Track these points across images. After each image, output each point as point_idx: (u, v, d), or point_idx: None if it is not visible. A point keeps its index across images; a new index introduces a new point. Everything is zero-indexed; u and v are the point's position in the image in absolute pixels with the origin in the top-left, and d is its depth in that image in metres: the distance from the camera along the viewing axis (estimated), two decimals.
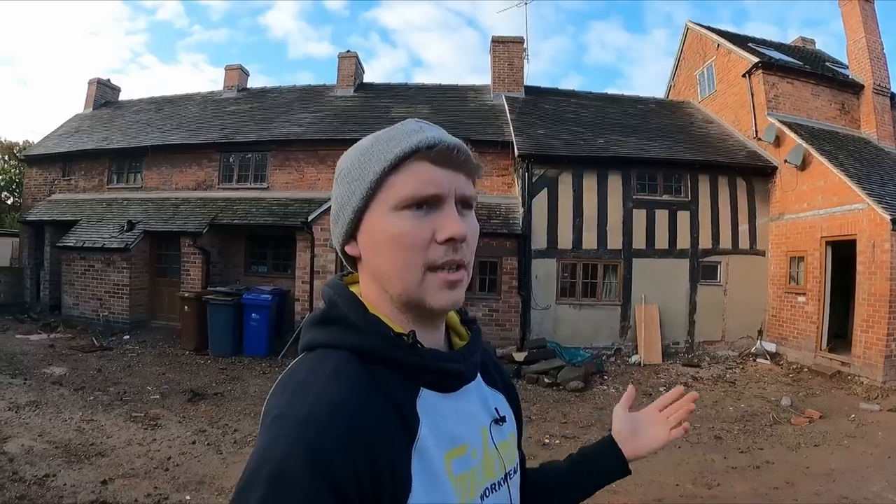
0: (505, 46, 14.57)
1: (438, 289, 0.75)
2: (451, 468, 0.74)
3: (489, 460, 0.82)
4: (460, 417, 0.80)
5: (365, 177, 0.76)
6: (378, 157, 0.76)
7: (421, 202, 0.75)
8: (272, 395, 0.73)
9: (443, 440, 0.74)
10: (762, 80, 11.97)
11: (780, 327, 10.88)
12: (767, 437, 6.28)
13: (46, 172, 15.68)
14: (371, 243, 0.77)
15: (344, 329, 0.76)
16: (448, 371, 0.78)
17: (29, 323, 12.64)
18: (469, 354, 0.84)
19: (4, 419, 6.10)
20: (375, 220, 0.76)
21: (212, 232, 11.96)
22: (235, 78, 16.61)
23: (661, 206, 11.24)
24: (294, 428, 0.63)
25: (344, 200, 0.78)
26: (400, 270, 0.75)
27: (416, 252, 0.74)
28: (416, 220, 0.74)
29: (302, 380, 0.72)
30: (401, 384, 0.74)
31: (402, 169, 0.75)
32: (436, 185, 0.75)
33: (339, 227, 0.80)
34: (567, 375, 8.66)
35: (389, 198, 0.75)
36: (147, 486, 4.57)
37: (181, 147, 13.75)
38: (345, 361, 0.73)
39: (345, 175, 0.79)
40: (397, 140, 0.76)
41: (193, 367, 9.33)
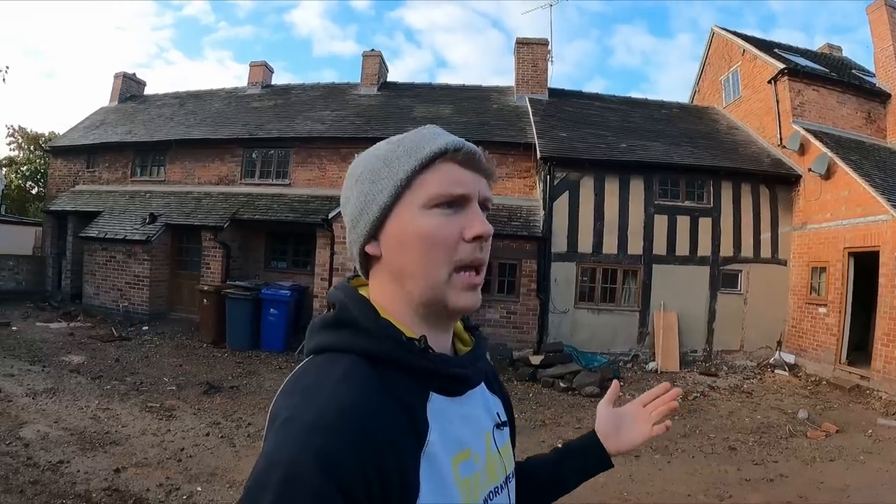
0: (529, 48, 14.51)
1: (462, 290, 0.77)
2: (458, 472, 0.75)
3: (492, 464, 0.83)
4: (466, 422, 0.80)
5: (393, 175, 0.77)
6: (406, 157, 0.77)
7: (450, 201, 0.77)
8: (280, 398, 0.72)
9: (450, 444, 0.75)
10: (788, 87, 11.80)
11: (799, 338, 10.72)
12: (783, 449, 6.17)
13: (71, 164, 15.94)
14: (397, 242, 0.77)
15: (354, 333, 0.76)
16: (457, 376, 0.79)
17: (49, 311, 12.83)
18: (475, 360, 0.86)
19: (22, 405, 6.18)
20: (405, 218, 0.77)
21: (233, 226, 12.07)
22: (260, 74, 16.74)
23: (682, 212, 11.12)
24: (304, 432, 0.63)
25: (368, 199, 0.78)
26: (428, 268, 0.76)
27: (446, 250, 0.76)
28: (446, 218, 0.76)
29: (311, 383, 0.71)
30: (411, 388, 0.74)
31: (432, 169, 0.77)
32: (464, 185, 0.78)
33: (360, 227, 0.80)
34: (583, 380, 8.61)
35: (419, 196, 0.76)
36: (159, 476, 4.62)
37: (204, 142, 13.91)
38: (355, 365, 0.72)
39: (368, 175, 0.79)
40: (425, 141, 0.78)
41: (210, 359, 9.41)
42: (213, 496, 4.34)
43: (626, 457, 5.61)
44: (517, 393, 8.40)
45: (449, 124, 12.88)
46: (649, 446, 6.17)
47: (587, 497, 4.66)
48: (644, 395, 1.17)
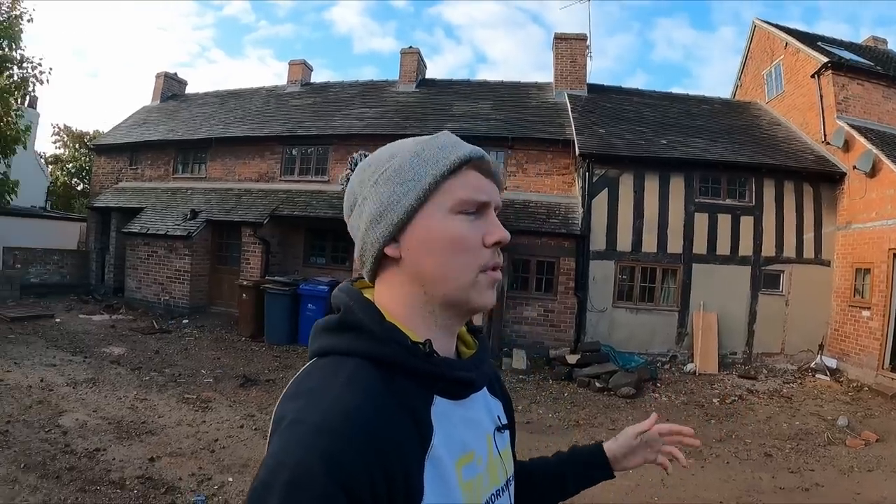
0: (567, 43, 14.38)
1: (485, 288, 0.80)
2: (462, 475, 0.75)
3: (493, 467, 0.84)
4: (469, 424, 0.81)
5: (421, 179, 0.77)
6: (433, 161, 0.78)
7: (475, 208, 0.79)
8: (284, 400, 0.73)
9: (454, 447, 0.75)
10: (831, 81, 11.44)
11: (841, 342, 10.39)
12: (820, 457, 6.00)
13: (114, 161, 16.40)
14: (422, 245, 0.78)
15: (359, 336, 0.76)
16: (461, 379, 0.80)
17: (92, 304, 13.18)
18: (479, 363, 0.86)
19: (62, 394, 6.34)
20: (432, 221, 0.77)
21: (272, 222, 12.25)
22: (299, 73, 16.96)
23: (723, 210, 10.91)
24: (309, 435, 0.63)
25: (392, 201, 0.78)
26: (455, 272, 0.77)
27: (472, 254, 0.78)
28: (470, 224, 0.78)
29: (316, 386, 0.72)
30: (415, 392, 0.74)
31: (458, 175, 0.79)
32: (486, 193, 0.80)
33: (381, 228, 0.79)
34: (619, 381, 8.50)
35: (446, 201, 0.78)
36: (192, 466, 4.70)
37: (244, 139, 14.14)
38: (360, 368, 0.73)
39: (392, 176, 0.79)
40: (450, 147, 0.80)
41: (248, 353, 9.55)
42: (244, 487, 4.39)
43: None
44: (552, 392, 8.36)
45: (487, 120, 12.93)
46: (683, 450, 6.04)
47: (618, 499, 4.69)
48: (667, 426, 1.17)
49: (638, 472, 5.29)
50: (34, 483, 4.11)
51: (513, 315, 10.79)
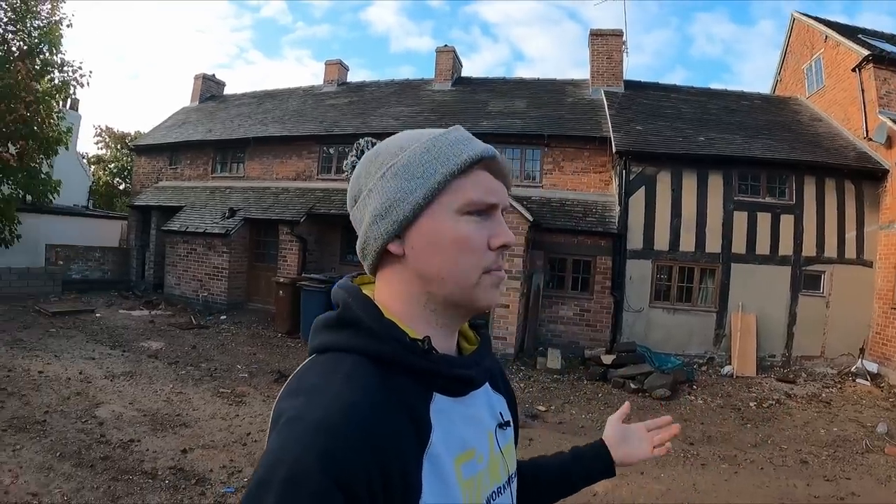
0: (604, 40, 14.24)
1: (488, 288, 0.79)
2: (461, 473, 0.75)
3: (495, 464, 0.83)
4: (469, 422, 0.80)
5: (430, 176, 0.76)
6: (444, 158, 0.77)
7: (483, 209, 0.78)
8: (283, 398, 0.72)
9: (453, 445, 0.75)
10: (873, 75, 11.06)
11: (883, 346, 10.06)
12: (857, 465, 5.84)
13: (154, 161, 16.86)
14: (428, 243, 0.77)
15: (357, 333, 0.76)
16: (460, 377, 0.79)
17: (133, 299, 13.55)
18: (479, 359, 0.85)
19: (99, 386, 6.49)
20: (439, 220, 0.76)
21: (309, 221, 12.42)
22: (335, 73, 17.14)
23: (763, 208, 10.68)
24: (307, 432, 0.63)
25: (400, 197, 0.76)
26: (460, 272, 0.76)
27: (477, 256, 0.77)
28: (477, 225, 0.77)
29: (315, 383, 0.71)
30: (414, 389, 0.74)
31: (468, 175, 0.77)
32: (496, 194, 0.79)
33: (386, 223, 0.77)
34: (654, 382, 8.41)
35: (455, 200, 0.76)
36: (223, 459, 4.76)
37: (281, 139, 14.35)
38: (358, 365, 0.72)
39: (399, 171, 0.77)
40: (461, 145, 0.78)
41: (284, 349, 9.69)
42: None
43: (692, 465, 5.64)
44: (586, 392, 8.33)
45: (523, 118, 12.89)
46: (717, 455, 6.01)
47: (649, 503, 4.65)
48: (648, 422, 1.22)
49: (670, 477, 5.28)
50: (68, 471, 4.23)
51: (548, 314, 10.77)
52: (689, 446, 6.20)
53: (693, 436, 6.57)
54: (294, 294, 10.75)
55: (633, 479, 5.20)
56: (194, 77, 18.91)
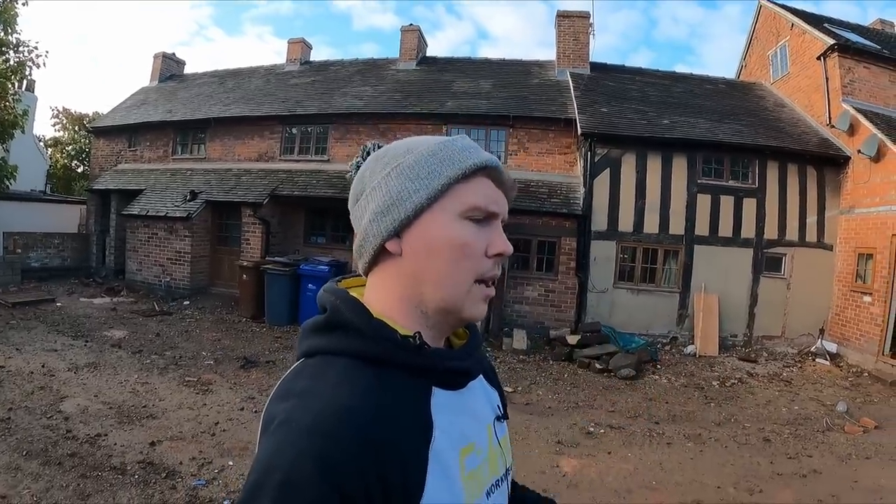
0: (570, 21, 14.23)
1: (478, 301, 0.79)
2: (464, 465, 0.75)
3: (493, 457, 0.84)
4: (469, 415, 0.81)
5: (434, 177, 0.76)
6: (450, 163, 0.77)
7: (483, 216, 0.79)
8: (274, 401, 0.72)
9: (456, 438, 0.75)
10: (838, 64, 11.26)
11: (842, 327, 10.35)
12: (818, 444, 5.99)
13: (113, 143, 16.32)
14: (425, 245, 0.77)
15: (347, 334, 0.75)
16: (456, 369, 0.79)
17: (94, 287, 13.20)
18: (471, 351, 0.86)
19: (63, 379, 6.34)
20: (438, 223, 0.77)
21: (272, 202, 12.20)
22: (298, 51, 16.82)
23: (726, 191, 10.82)
24: (302, 436, 0.62)
25: (402, 196, 0.77)
26: (453, 277, 0.77)
27: (473, 262, 0.77)
28: (476, 231, 0.78)
29: (306, 386, 0.70)
30: (411, 386, 0.74)
31: (471, 181, 0.78)
32: (497, 203, 0.80)
33: (386, 221, 0.78)
34: (619, 362, 8.49)
35: (456, 205, 0.77)
36: (193, 450, 4.71)
37: (244, 119, 14.04)
38: (350, 367, 0.72)
39: (405, 171, 0.78)
40: (468, 152, 0.79)
41: (249, 334, 9.56)
42: (244, 470, 4.39)
43: (658, 444, 5.64)
44: (552, 373, 8.37)
45: (489, 99, 12.83)
46: (682, 433, 6.11)
47: (616, 483, 4.70)
48: None
49: (636, 456, 5.34)
50: (36, 470, 4.13)
51: (514, 295, 10.76)
52: (655, 425, 6.28)
53: (658, 415, 6.66)
54: (258, 278, 10.60)
55: (600, 458, 5.25)
56: (153, 56, 18.33)
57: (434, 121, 12.27)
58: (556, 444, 5.50)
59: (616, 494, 4.50)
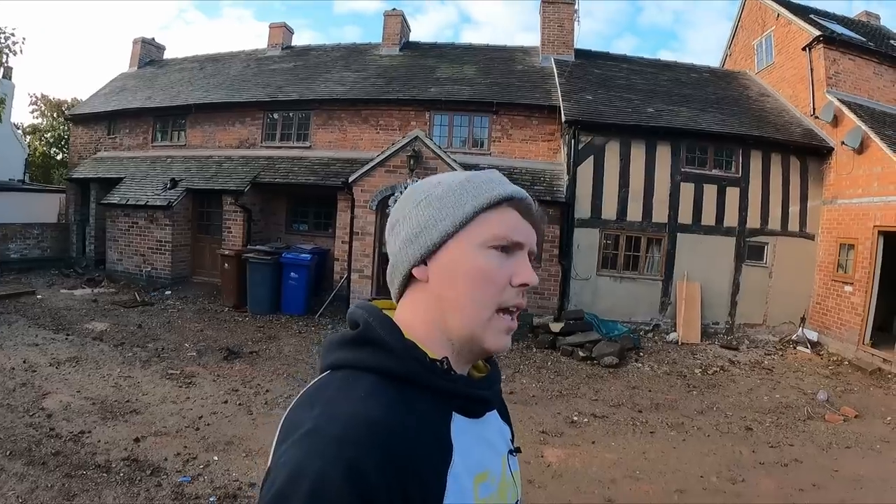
0: (555, 7, 14.13)
1: (501, 332, 0.80)
2: (478, 493, 0.76)
3: (504, 488, 0.84)
4: (484, 444, 0.82)
5: (460, 207, 0.79)
6: (475, 193, 0.80)
7: (507, 245, 0.79)
8: (298, 409, 0.72)
9: (472, 465, 0.76)
10: (823, 55, 11.32)
11: (823, 316, 10.46)
12: (799, 433, 6.04)
13: (92, 131, 16.02)
14: (449, 272, 0.79)
15: (377, 351, 0.76)
16: (478, 398, 0.82)
17: (74, 278, 12.97)
18: (492, 383, 0.88)
19: (45, 375, 6.24)
20: (462, 250, 0.78)
21: (253, 190, 12.06)
22: (279, 36, 16.59)
23: (710, 180, 10.85)
24: (330, 445, 0.63)
25: (429, 223, 0.79)
26: (475, 304, 0.78)
27: (496, 290, 0.78)
28: (500, 260, 0.79)
29: (333, 397, 0.71)
30: (434, 409, 0.75)
31: (496, 211, 0.80)
32: (522, 234, 0.81)
33: (414, 248, 0.80)
34: (602, 350, 8.51)
35: (481, 234, 0.78)
36: (177, 445, 4.67)
37: (224, 105, 13.82)
38: (378, 384, 0.73)
39: (434, 201, 0.81)
40: (493, 184, 0.82)
41: (231, 324, 9.47)
42: (229, 465, 4.37)
43: (641, 433, 5.62)
44: (536, 361, 8.36)
45: (472, 85, 12.76)
46: (665, 422, 6.14)
47: (601, 473, 4.69)
48: None
49: (620, 446, 5.35)
50: (20, 470, 4.05)
51: None
52: (638, 414, 6.30)
53: (641, 403, 6.68)
54: (240, 266, 10.47)
55: (585, 448, 5.26)
56: (133, 41, 17.94)
57: (417, 107, 12.18)
58: (541, 434, 5.50)
59: (600, 484, 4.51)
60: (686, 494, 4.45)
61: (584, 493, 4.35)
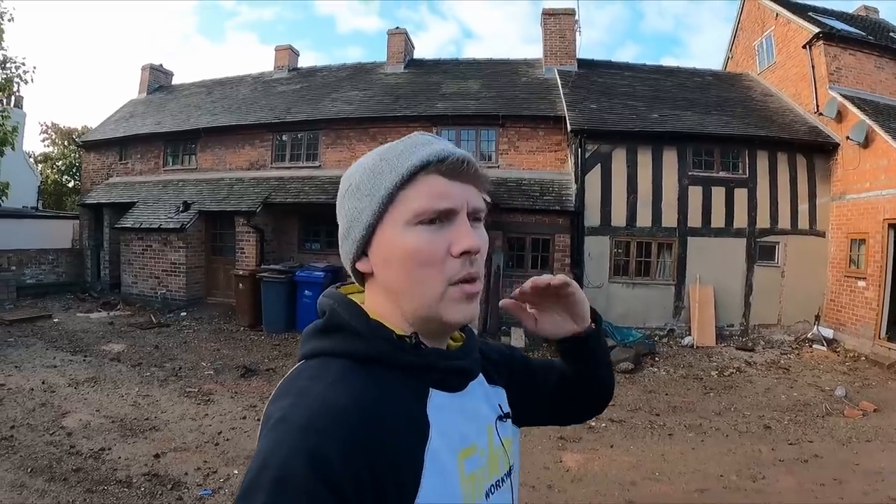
0: (556, 19, 14.27)
1: (457, 302, 0.75)
2: (463, 468, 0.75)
3: (494, 458, 0.83)
4: (469, 416, 0.80)
5: (376, 192, 0.75)
6: (388, 172, 0.75)
7: (435, 217, 0.74)
8: (273, 401, 0.72)
9: (454, 440, 0.75)
10: (823, 52, 11.35)
11: (838, 313, 10.43)
12: (818, 429, 6.04)
13: (104, 157, 16.26)
14: (383, 260, 0.76)
15: (345, 336, 0.76)
16: (454, 369, 0.79)
17: (90, 301, 13.13)
18: (469, 351, 0.85)
19: (64, 395, 6.34)
20: (389, 236, 0.75)
21: (265, 210, 12.17)
22: (285, 58, 16.82)
23: (717, 183, 10.87)
24: (296, 433, 0.63)
25: (354, 217, 0.78)
26: (417, 286, 0.75)
27: (434, 267, 0.74)
28: (430, 234, 0.74)
29: (304, 386, 0.71)
30: (408, 387, 0.74)
31: (414, 183, 0.74)
32: (449, 199, 0.75)
33: (349, 244, 0.79)
34: (617, 356, 8.50)
35: (402, 213, 0.74)
36: (197, 460, 4.72)
37: (233, 128, 13.99)
38: (346, 368, 0.73)
39: (354, 191, 0.78)
40: (406, 154, 0.76)
41: (247, 343, 9.54)
42: None
43: (660, 435, 5.66)
44: None
45: (477, 99, 12.87)
46: (683, 424, 6.15)
47: (620, 475, 4.73)
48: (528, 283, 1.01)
49: (639, 449, 5.35)
50: (42, 487, 4.12)
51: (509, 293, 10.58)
52: (656, 417, 6.30)
53: (658, 407, 6.68)
54: (254, 286, 10.56)
55: (603, 452, 5.28)
56: (141, 68, 18.25)
57: (424, 123, 12.24)
58: (559, 440, 5.51)
59: (620, 487, 4.52)
60: (707, 494, 4.47)
61: (605, 496, 4.37)
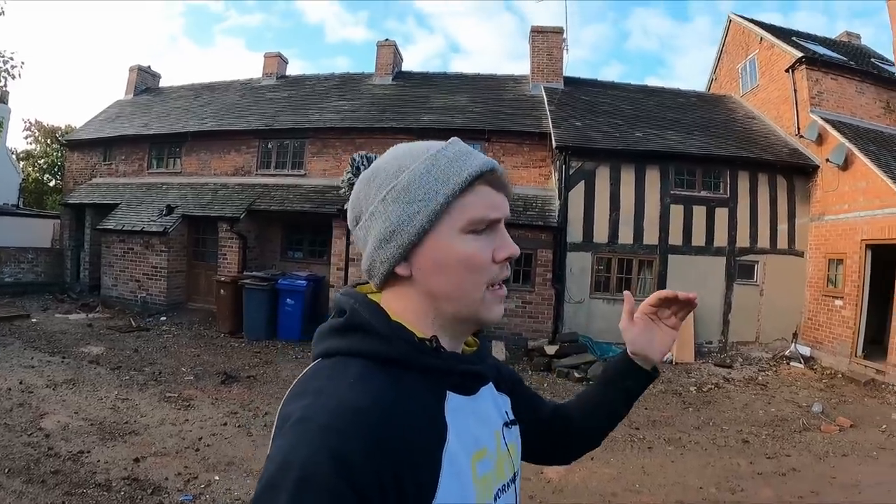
0: (544, 37, 14.45)
1: (495, 304, 0.80)
2: (476, 470, 0.76)
3: (501, 463, 0.84)
4: (481, 420, 0.82)
5: (432, 198, 0.75)
6: (444, 178, 0.76)
7: (485, 226, 0.78)
8: (290, 399, 0.72)
9: (468, 443, 0.76)
10: (805, 76, 11.63)
11: (815, 331, 10.61)
12: (796, 443, 6.13)
13: (87, 157, 16.08)
14: (433, 264, 0.77)
15: (365, 336, 0.76)
16: (471, 372, 0.81)
17: (69, 302, 12.96)
18: (482, 357, 0.87)
19: (42, 396, 6.24)
20: (444, 242, 0.76)
21: (249, 217, 12.13)
22: (274, 65, 16.79)
23: (699, 202, 11.05)
24: (318, 433, 0.63)
25: (403, 221, 0.76)
26: (466, 290, 0.77)
27: (482, 272, 0.78)
28: (480, 242, 0.77)
29: (323, 386, 0.71)
30: (427, 389, 0.75)
31: (469, 193, 0.77)
32: (498, 209, 0.79)
33: (391, 247, 0.77)
34: (597, 371, 8.57)
35: (457, 221, 0.76)
36: (177, 465, 4.66)
37: (220, 133, 13.95)
38: (367, 368, 0.73)
39: (403, 193, 0.77)
40: (461, 161, 0.78)
41: (228, 349, 9.47)
42: (230, 485, 4.38)
43: (639, 448, 5.67)
44: (532, 383, 8.36)
45: (464, 113, 12.96)
46: (663, 438, 6.19)
47: (601, 487, 4.75)
48: (653, 297, 1.08)
49: (619, 461, 5.37)
50: (19, 488, 4.05)
51: None
52: (635, 430, 6.33)
53: (638, 420, 6.70)
54: (236, 293, 10.49)
55: (584, 464, 5.26)
56: (129, 69, 18.07)
57: (411, 135, 12.16)
58: None
59: (601, 498, 4.56)
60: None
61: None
